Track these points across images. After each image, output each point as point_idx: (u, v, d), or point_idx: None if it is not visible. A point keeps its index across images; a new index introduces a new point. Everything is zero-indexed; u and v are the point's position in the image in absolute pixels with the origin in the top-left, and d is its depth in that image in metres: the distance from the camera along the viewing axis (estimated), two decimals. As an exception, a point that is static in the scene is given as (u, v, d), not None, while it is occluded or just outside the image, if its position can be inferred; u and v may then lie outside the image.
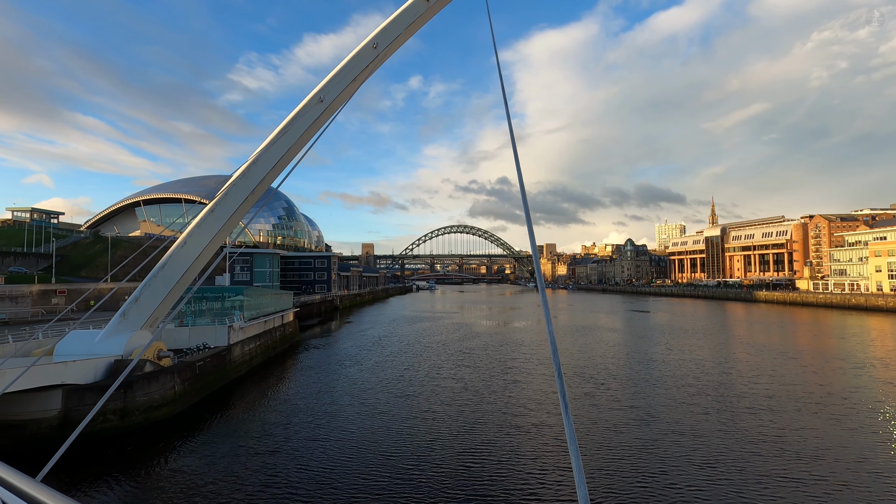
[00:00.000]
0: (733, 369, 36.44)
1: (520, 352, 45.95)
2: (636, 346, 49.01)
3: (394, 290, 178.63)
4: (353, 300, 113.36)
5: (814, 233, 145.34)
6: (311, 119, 30.80)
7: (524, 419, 23.89)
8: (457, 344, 51.38)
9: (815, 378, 33.17)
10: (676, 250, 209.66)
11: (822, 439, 20.89)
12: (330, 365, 39.32)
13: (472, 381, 32.74)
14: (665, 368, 36.86)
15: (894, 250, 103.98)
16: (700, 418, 23.90)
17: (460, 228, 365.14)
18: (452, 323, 75.35)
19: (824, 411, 25.07)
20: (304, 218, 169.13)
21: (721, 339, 54.53)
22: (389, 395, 29.14)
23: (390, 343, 52.08)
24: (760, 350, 45.85)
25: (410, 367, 38.21)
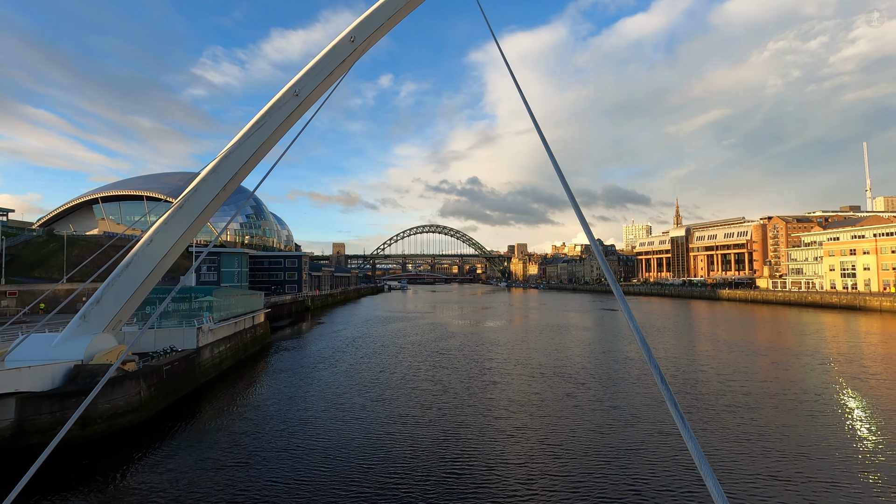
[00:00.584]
0: (708, 367, 37.24)
1: (496, 352, 45.90)
2: (612, 345, 49.70)
3: (366, 290, 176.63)
4: (324, 300, 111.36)
5: (772, 233, 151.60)
6: (285, 113, 29.82)
7: (507, 422, 23.47)
8: (432, 344, 50.97)
9: (787, 375, 34.17)
10: (643, 250, 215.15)
11: (803, 437, 21.18)
12: (303, 368, 38.17)
13: (451, 382, 32.27)
14: (642, 367, 37.34)
15: (846, 250, 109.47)
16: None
17: (432, 228, 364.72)
18: (427, 323, 74.89)
19: (800, 408, 25.65)
20: (273, 217, 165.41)
21: (692, 337, 55.98)
22: (365, 399, 28.27)
23: (364, 344, 51.21)
24: (730, 347, 47.23)
25: (386, 369, 37.47)
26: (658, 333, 59.15)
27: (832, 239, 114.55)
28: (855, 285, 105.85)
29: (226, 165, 28.39)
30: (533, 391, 29.56)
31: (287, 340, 55.84)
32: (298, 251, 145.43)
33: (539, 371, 35.97)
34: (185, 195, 25.63)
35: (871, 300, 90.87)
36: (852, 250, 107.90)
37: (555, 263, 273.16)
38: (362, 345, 50.80)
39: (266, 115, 29.94)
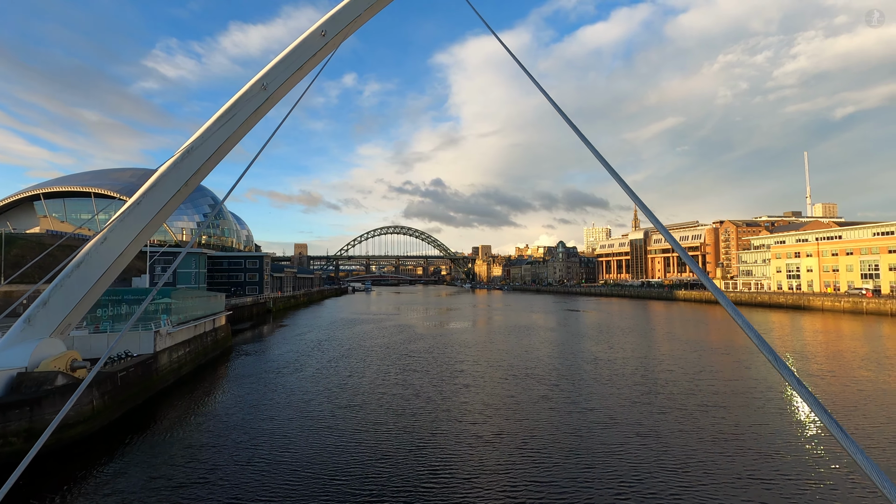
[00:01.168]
0: (675, 366, 38.14)
1: (466, 354, 45.74)
2: (580, 346, 50.47)
3: (329, 291, 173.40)
4: (287, 302, 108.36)
5: (724, 237, 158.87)
6: (253, 107, 28.61)
7: (484, 428, 22.87)
8: (401, 347, 50.31)
9: (750, 373, 35.37)
10: (604, 252, 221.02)
11: (777, 435, 21.53)
12: (266, 373, 36.65)
13: (423, 386, 31.63)
14: (612, 367, 37.97)
15: (791, 253, 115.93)
16: (658, 418, 24.19)
17: (396, 229, 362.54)
18: (394, 325, 74.04)
19: (769, 406, 26.34)
20: (233, 216, 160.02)
21: (657, 338, 57.65)
22: (334, 405, 27.12)
23: (331, 348, 49.96)
24: (694, 347, 48.86)
25: (354, 373, 36.40)
26: (624, 334, 60.64)
27: (779, 242, 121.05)
28: (800, 286, 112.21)
29: (188, 160, 26.97)
30: (507, 394, 29.33)
31: (249, 344, 53.85)
32: (259, 252, 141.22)
33: (511, 373, 35.98)
34: (143, 191, 24.15)
35: (815, 300, 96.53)
36: (797, 253, 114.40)
37: (518, 265, 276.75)
38: (328, 348, 49.55)
39: (232, 108, 28.64)
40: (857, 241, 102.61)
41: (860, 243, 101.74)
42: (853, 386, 31.36)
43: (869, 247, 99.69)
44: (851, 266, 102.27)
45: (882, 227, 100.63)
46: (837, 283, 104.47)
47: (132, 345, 29.09)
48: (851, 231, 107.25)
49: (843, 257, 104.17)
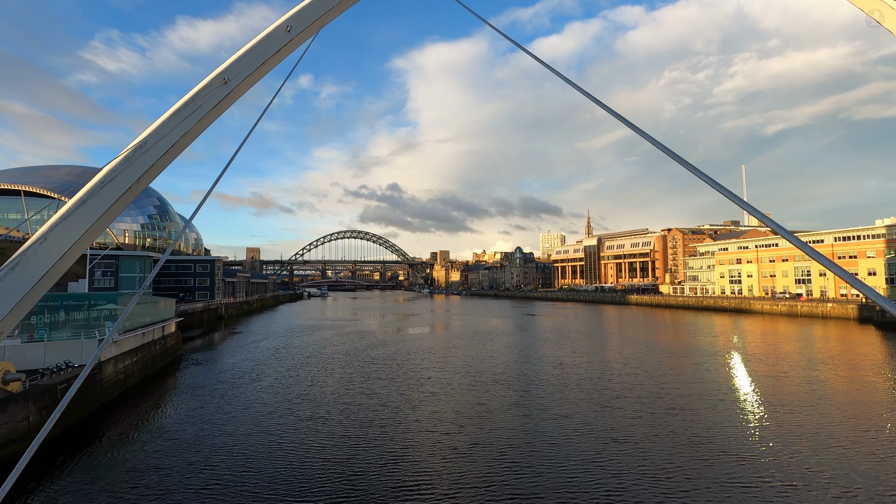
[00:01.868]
0: (639, 369, 38.97)
1: (431, 360, 45.24)
2: (544, 350, 51.01)
3: (284, 297, 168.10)
4: (240, 308, 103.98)
5: (671, 244, 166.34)
6: (213, 101, 27.18)
7: (459, 439, 22.09)
8: (363, 354, 49.17)
9: (711, 375, 36.71)
10: (559, 258, 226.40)
11: (750, 437, 22.04)
12: (221, 384, 34.59)
13: (389, 395, 30.65)
14: (579, 371, 38.37)
15: (733, 259, 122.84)
16: (632, 423, 24.28)
17: (353, 234, 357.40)
18: (354, 331, 72.48)
19: (734, 407, 27.15)
20: (180, 218, 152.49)
21: (616, 341, 59.27)
22: (296, 418, 25.56)
23: (289, 356, 48.11)
24: (653, 350, 50.55)
25: (316, 382, 34.87)
26: (585, 338, 61.97)
27: (722, 249, 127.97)
28: (741, 290, 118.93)
29: (141, 155, 25.23)
30: (478, 401, 28.83)
31: (201, 352, 51.09)
32: (209, 256, 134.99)
33: (478, 379, 35.72)
34: (90, 187, 22.28)
35: (755, 304, 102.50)
36: (738, 259, 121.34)
37: (476, 270, 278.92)
38: (287, 356, 47.72)
39: (191, 102, 27.11)
40: (792, 249, 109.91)
41: (794, 251, 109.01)
42: (807, 386, 33.25)
43: (802, 254, 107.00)
44: (787, 272, 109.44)
45: (813, 235, 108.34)
46: (774, 287, 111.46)
47: (73, 354, 26.76)
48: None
49: (780, 263, 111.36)
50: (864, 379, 35.28)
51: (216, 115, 18.34)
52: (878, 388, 32.32)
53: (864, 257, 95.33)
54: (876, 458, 19.42)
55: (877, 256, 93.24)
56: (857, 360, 43.53)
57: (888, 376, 36.23)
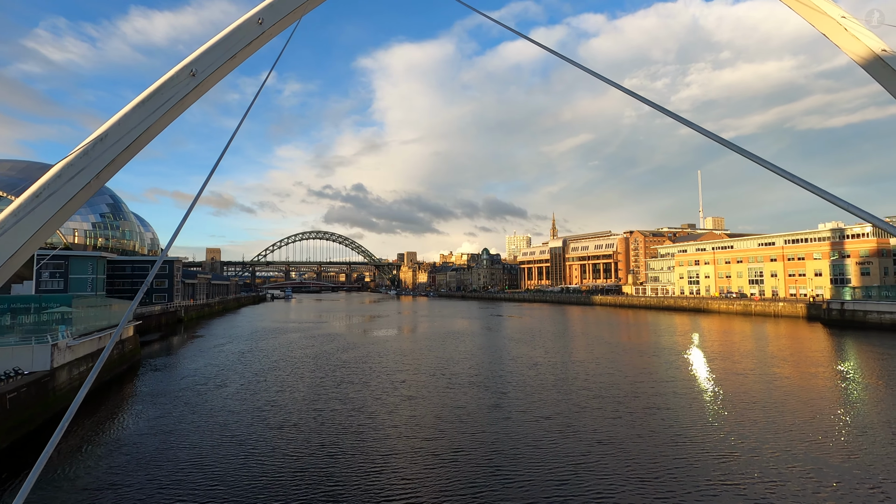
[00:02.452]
0: (613, 369, 39.54)
1: (404, 362, 44.74)
2: (517, 351, 51.26)
3: (246, 299, 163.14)
4: (200, 311, 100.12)
5: (633, 246, 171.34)
6: (180, 94, 25.96)
7: (441, 444, 21.46)
8: (332, 357, 48.13)
9: (682, 374, 37.70)
10: (526, 259, 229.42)
11: (730, 434, 22.48)
12: (183, 391, 32.88)
13: (364, 400, 29.78)
14: (554, 372, 38.54)
15: (692, 261, 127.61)
16: (613, 423, 24.31)
17: (318, 234, 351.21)
18: (322, 334, 71.01)
19: (709, 406, 27.76)
20: (136, 217, 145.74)
21: (586, 340, 60.30)
22: (266, 427, 24.26)
23: (255, 360, 46.50)
24: (623, 349, 51.70)
25: (285, 388, 33.49)
26: (556, 338, 62.81)
27: (681, 251, 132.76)
28: (699, 291, 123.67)
29: (101, 149, 23.81)
30: (456, 405, 28.40)
31: (161, 357, 48.78)
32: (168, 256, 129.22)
33: (454, 381, 35.43)
34: (44, 182, 20.78)
35: (712, 303, 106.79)
36: (696, 261, 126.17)
37: (444, 272, 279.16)
38: (253, 361, 46.11)
39: (156, 93, 25.77)
40: (746, 251, 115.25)
41: (748, 252, 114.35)
42: (772, 383, 34.67)
43: (755, 256, 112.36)
44: (741, 273, 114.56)
45: (764, 238, 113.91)
46: (730, 287, 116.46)
47: (23, 360, 24.87)
48: (741, 241, 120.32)
49: (735, 265, 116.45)
50: (823, 375, 37.19)
51: (183, 109, 17.27)
52: (836, 384, 34.12)
53: (811, 259, 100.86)
54: (839, 448, 20.42)
55: (822, 258, 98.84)
56: (814, 356, 45.91)
57: (845, 373, 38.34)
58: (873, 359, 43.91)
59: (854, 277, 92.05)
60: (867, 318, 70.73)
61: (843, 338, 59.07)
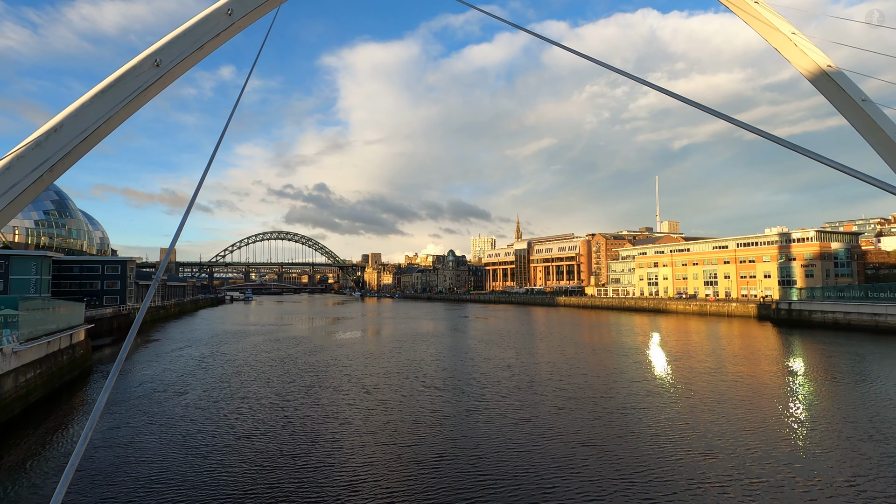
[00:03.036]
0: (586, 370, 40.02)
1: (374, 365, 44.06)
2: (489, 352, 51.30)
3: (204, 301, 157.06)
4: (156, 313, 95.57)
5: (595, 248, 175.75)
6: (142, 84, 24.67)
7: (422, 452, 20.78)
8: (300, 361, 46.88)
9: (653, 374, 38.63)
10: (491, 261, 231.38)
11: (707, 434, 23.06)
12: (140, 399, 30.96)
13: (335, 405, 28.84)
14: (528, 373, 38.68)
15: (651, 263, 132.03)
16: (594, 425, 24.30)
17: (279, 235, 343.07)
18: (287, 337, 69.16)
19: (683, 406, 28.33)
20: (84, 215, 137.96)
21: (555, 341, 61.14)
22: (234, 436, 22.81)
23: (218, 365, 44.64)
24: (592, 349, 52.68)
25: (252, 394, 32.02)
26: (525, 339, 63.45)
27: (641, 254, 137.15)
28: (657, 292, 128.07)
29: (55, 140, 22.25)
30: (433, 409, 27.95)
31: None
32: (118, 257, 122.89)
33: (429, 384, 34.97)
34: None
35: (670, 304, 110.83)
36: (655, 263, 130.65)
37: (409, 273, 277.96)
38: (215, 365, 44.29)
39: (117, 83, 24.35)
40: (701, 254, 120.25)
41: (703, 255, 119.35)
42: (746, 380, 36.09)
43: (710, 258, 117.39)
44: (697, 274, 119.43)
45: (718, 241, 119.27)
46: (686, 289, 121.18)
47: (-38, 369, 22.90)
48: (696, 245, 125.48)
49: (691, 267, 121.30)
50: (776, 371, 39.14)
51: (146, 100, 16.21)
52: (787, 380, 35.93)
53: (761, 261, 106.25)
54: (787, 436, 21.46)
55: (771, 261, 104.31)
56: (767, 354, 48.35)
57: (795, 369, 40.46)
58: (819, 356, 46.71)
59: (799, 279, 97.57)
60: (812, 317, 75.12)
61: (791, 336, 62.46)
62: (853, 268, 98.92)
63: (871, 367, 39.72)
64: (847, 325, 68.92)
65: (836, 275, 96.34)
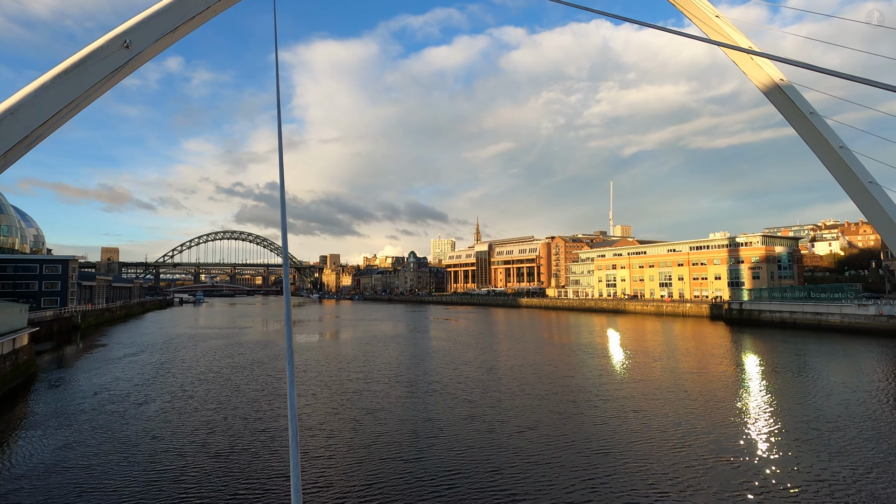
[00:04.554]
0: (573, 371, 39.97)
1: (350, 370, 42.71)
2: (467, 355, 50.61)
3: (152, 303, 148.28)
4: (100, 316, 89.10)
5: (555, 251, 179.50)
6: (109, 67, 22.64)
7: (426, 467, 19.73)
8: (267, 366, 44.82)
9: (643, 375, 39.26)
10: (452, 263, 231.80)
11: (703, 437, 23.54)
12: (93, 412, 27.95)
13: (319, 417, 26.84)
14: (515, 376, 38.23)
15: (609, 265, 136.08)
16: (601, 430, 23.76)
17: (232, 234, 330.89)
18: (249, 341, 66.32)
19: (670, 406, 28.52)
20: (15, 211, 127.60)
21: (530, 342, 61.35)
22: (205, 456, 20.60)
23: (178, 372, 41.46)
24: (571, 350, 53.23)
25: (221, 405, 29.34)
26: (500, 341, 63.45)
27: (600, 256, 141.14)
28: (615, 293, 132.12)
29: (11, 125, 19.99)
30: (426, 417, 26.55)
31: (61, 370, 42.40)
32: (53, 256, 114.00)
33: (415, 389, 33.90)
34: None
35: (628, 304, 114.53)
36: (614, 265, 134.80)
37: (369, 275, 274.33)
38: (175, 372, 41.24)
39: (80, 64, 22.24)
40: (657, 257, 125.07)
41: (658, 258, 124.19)
42: (730, 380, 37.22)
43: (665, 261, 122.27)
44: (653, 276, 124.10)
45: (672, 245, 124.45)
46: (643, 290, 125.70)
47: None
48: (652, 248, 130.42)
49: (647, 269, 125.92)
50: (731, 366, 40.90)
51: (113, 83, 14.48)
52: (740, 373, 37.61)
53: (712, 264, 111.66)
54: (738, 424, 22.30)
55: (721, 263, 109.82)
56: (722, 351, 50.51)
57: (748, 364, 42.44)
58: (767, 352, 49.46)
59: (747, 281, 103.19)
60: (762, 316, 79.50)
61: (742, 334, 65.77)
62: (794, 270, 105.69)
63: (812, 362, 43.00)
64: (793, 323, 73.31)
65: (780, 276, 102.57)
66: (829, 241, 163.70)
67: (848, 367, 40.52)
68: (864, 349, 49.67)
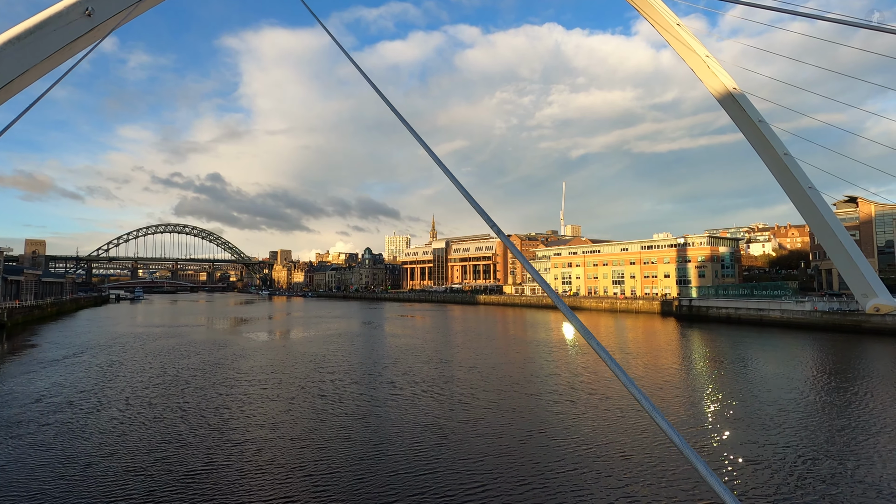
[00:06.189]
0: (558, 370, 40.14)
1: (325, 370, 41.08)
2: (445, 353, 50.04)
3: (86, 300, 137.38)
4: (29, 314, 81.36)
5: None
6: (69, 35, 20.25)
7: (445, 480, 19.11)
8: (227, 368, 42.42)
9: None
10: (408, 260, 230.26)
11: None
12: (34, 424, 24.94)
13: (295, 424, 25.19)
14: (500, 374, 37.94)
15: (565, 263, 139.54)
16: (605, 432, 23.49)
17: (173, 228, 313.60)
18: (204, 340, 62.49)
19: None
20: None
21: (501, 339, 61.45)
22: (180, 473, 18.74)
23: (129, 376, 37.66)
24: (547, 349, 53.30)
25: (186, 412, 26.71)
26: (471, 338, 63.13)
27: (556, 254, 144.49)
28: (571, 290, 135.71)
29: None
30: (424, 423, 24.97)
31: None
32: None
33: (399, 391, 32.78)
34: None
35: (585, 301, 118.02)
36: (569, 263, 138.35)
37: (322, 271, 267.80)
38: (127, 376, 37.62)
39: (36, 30, 19.73)
40: (610, 255, 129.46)
41: (612, 256, 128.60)
42: (666, 371, 38.43)
43: (617, 259, 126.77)
44: (606, 274, 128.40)
45: (624, 244, 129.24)
46: (597, 287, 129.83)
47: None
48: (606, 247, 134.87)
49: (601, 267, 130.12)
50: (684, 358, 42.74)
51: (72, 53, 12.63)
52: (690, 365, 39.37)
53: (661, 263, 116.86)
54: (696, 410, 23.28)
55: (670, 262, 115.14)
56: (677, 344, 52.81)
57: (698, 356, 44.50)
58: (713, 345, 52.77)
59: (694, 279, 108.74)
60: (709, 312, 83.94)
61: (691, 329, 69.29)
62: (735, 269, 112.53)
63: (752, 353, 47.04)
64: (738, 319, 77.88)
65: (723, 275, 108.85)
66: (762, 242, 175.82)
67: (786, 357, 44.81)
68: (801, 342, 53.91)
